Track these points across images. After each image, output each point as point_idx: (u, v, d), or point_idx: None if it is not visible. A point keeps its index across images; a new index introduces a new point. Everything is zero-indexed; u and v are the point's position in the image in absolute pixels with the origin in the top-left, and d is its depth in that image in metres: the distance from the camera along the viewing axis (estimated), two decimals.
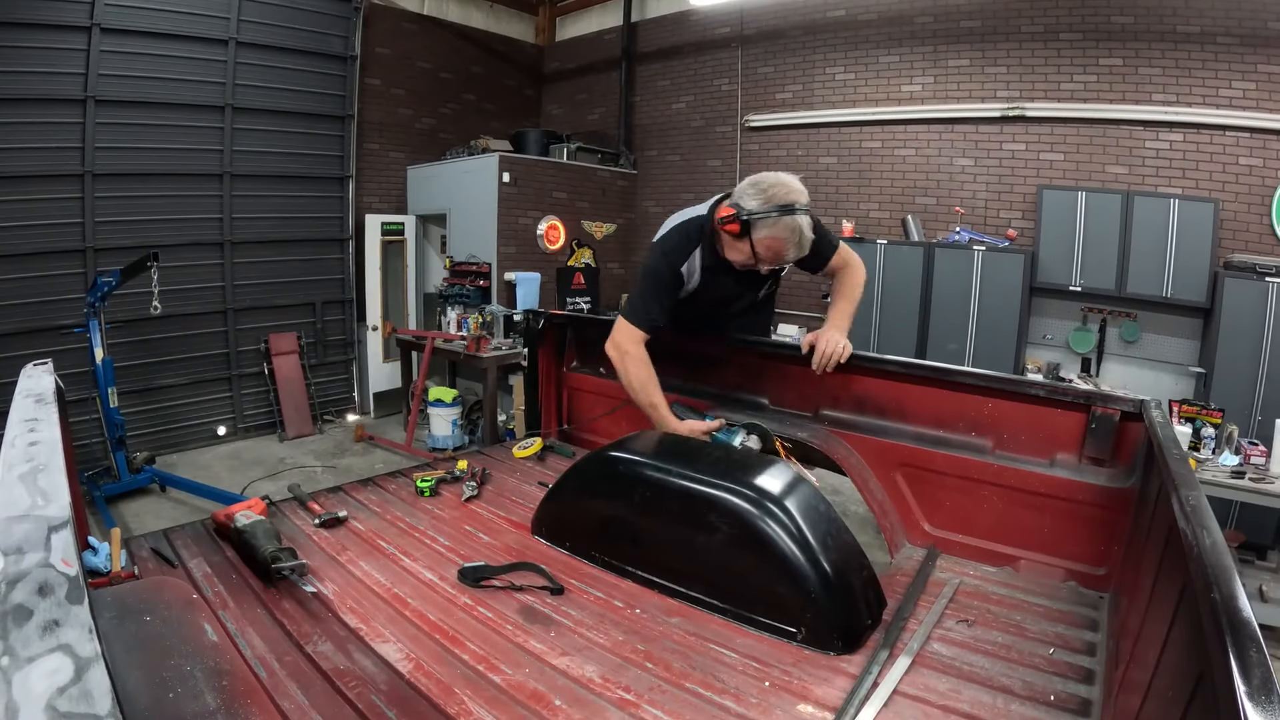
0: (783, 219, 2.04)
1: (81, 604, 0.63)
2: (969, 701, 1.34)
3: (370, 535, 1.99)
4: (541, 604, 1.66)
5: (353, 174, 6.94)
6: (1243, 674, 0.65)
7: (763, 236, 2.07)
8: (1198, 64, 4.78)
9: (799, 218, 2.04)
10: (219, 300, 6.18)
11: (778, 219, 2.04)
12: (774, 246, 2.09)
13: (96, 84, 5.27)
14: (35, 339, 5.04)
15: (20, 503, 0.78)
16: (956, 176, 5.86)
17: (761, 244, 2.09)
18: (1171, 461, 1.32)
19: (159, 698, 0.95)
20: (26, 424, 1.09)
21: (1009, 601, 1.77)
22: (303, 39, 6.37)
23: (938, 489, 2.11)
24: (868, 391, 2.26)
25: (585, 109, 8.43)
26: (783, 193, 2.05)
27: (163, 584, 1.37)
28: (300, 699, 1.25)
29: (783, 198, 2.04)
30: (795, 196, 2.05)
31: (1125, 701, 1.17)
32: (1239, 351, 4.42)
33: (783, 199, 2.04)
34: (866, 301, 5.81)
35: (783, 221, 2.05)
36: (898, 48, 6.06)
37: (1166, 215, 4.77)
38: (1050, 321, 5.43)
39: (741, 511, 1.63)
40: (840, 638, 1.52)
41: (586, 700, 1.32)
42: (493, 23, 8.23)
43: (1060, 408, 1.95)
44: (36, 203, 5.14)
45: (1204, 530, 0.96)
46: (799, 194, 2.06)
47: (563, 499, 2.03)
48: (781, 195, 2.05)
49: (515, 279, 6.66)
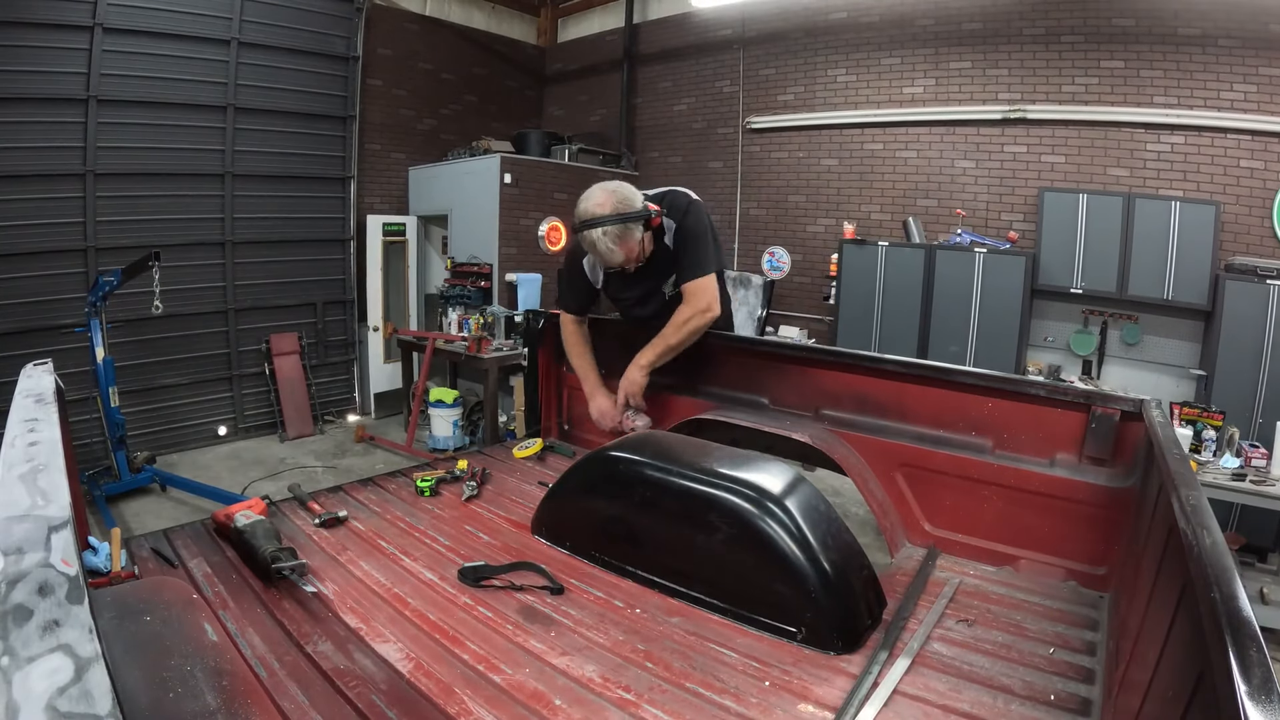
0: (582, 234, 2.30)
1: (81, 604, 0.63)
2: (969, 701, 1.34)
3: (370, 535, 1.99)
4: (541, 604, 1.66)
5: (354, 174, 6.95)
6: (1243, 673, 0.65)
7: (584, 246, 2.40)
8: (1199, 66, 4.78)
9: (592, 233, 2.26)
10: (220, 300, 6.18)
11: (581, 235, 2.32)
12: (592, 254, 2.40)
13: (98, 83, 5.28)
14: (35, 339, 5.05)
15: (20, 503, 0.78)
16: (958, 178, 5.86)
17: (587, 252, 2.42)
18: (1171, 461, 1.31)
19: (159, 698, 0.95)
20: (26, 424, 1.09)
21: (1009, 601, 1.77)
22: (305, 39, 6.38)
23: (938, 489, 2.11)
24: (868, 391, 2.26)
25: (587, 110, 8.44)
26: (580, 210, 2.30)
27: (163, 584, 1.37)
28: (300, 699, 1.25)
29: (579, 215, 2.30)
30: (588, 213, 2.27)
31: (1125, 701, 1.17)
32: (1240, 354, 4.42)
33: (579, 217, 2.30)
34: (868, 303, 5.81)
35: (582, 236, 2.31)
36: (899, 50, 6.06)
37: (1168, 218, 4.77)
38: (1051, 324, 5.43)
39: (742, 511, 1.63)
40: (840, 637, 1.52)
41: (586, 700, 1.32)
42: (494, 24, 8.24)
43: (1060, 407, 1.95)
44: (38, 202, 5.15)
45: (1204, 530, 0.96)
46: (593, 209, 2.26)
47: (563, 499, 2.03)
48: (579, 213, 2.30)
49: (516, 280, 6.66)
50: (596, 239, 2.26)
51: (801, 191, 6.78)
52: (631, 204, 2.28)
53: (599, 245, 2.28)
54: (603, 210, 2.25)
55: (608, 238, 2.25)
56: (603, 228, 2.24)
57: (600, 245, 2.27)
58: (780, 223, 6.94)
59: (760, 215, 7.08)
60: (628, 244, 2.29)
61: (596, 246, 2.29)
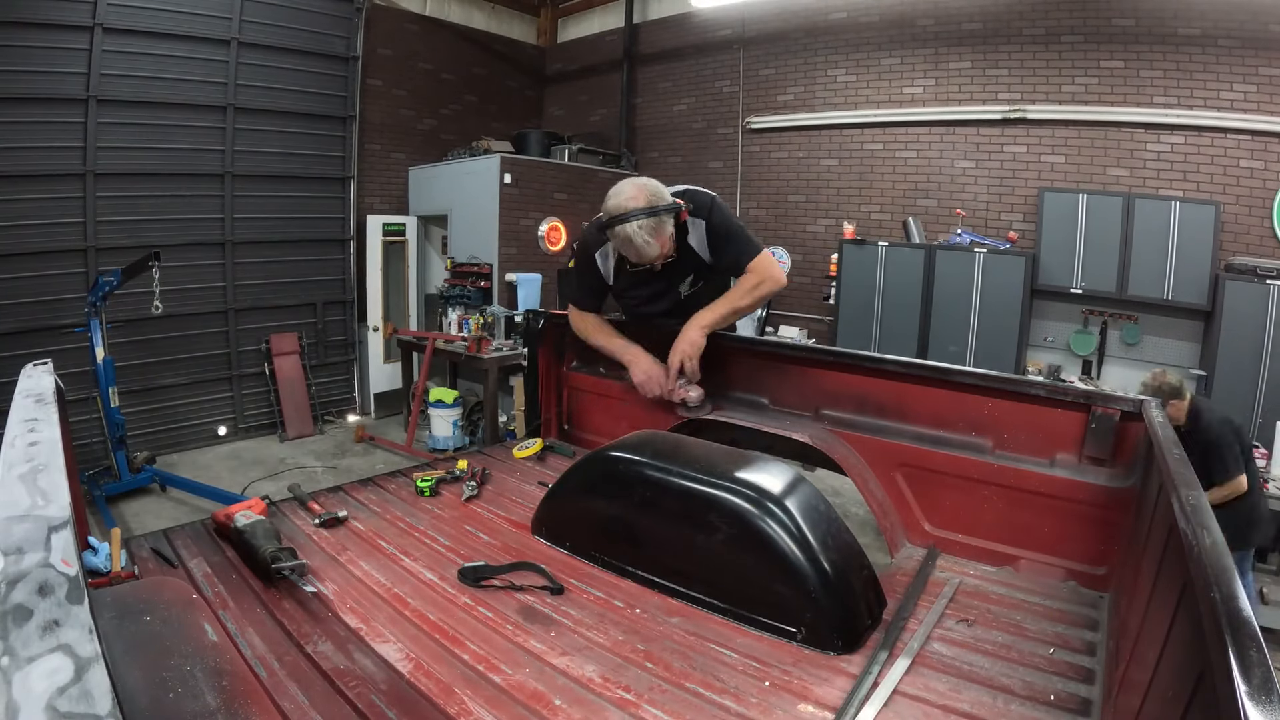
0: (615, 229, 2.24)
1: (81, 604, 0.63)
2: (969, 701, 1.34)
3: (370, 535, 1.99)
4: (541, 604, 1.66)
5: (354, 174, 6.95)
6: (1243, 673, 0.65)
7: (612, 243, 2.34)
8: (1199, 67, 4.79)
9: (626, 227, 2.20)
10: (220, 300, 6.19)
11: (614, 230, 2.25)
12: (623, 250, 2.31)
13: (99, 83, 5.28)
14: (35, 339, 5.06)
15: (20, 503, 0.78)
16: (958, 179, 5.87)
17: (617, 248, 2.34)
18: (1171, 461, 1.31)
19: (159, 698, 0.95)
20: (26, 424, 1.09)
21: (1009, 601, 1.77)
22: (304, 39, 6.38)
23: (938, 489, 2.11)
24: (867, 391, 2.26)
25: (587, 110, 8.44)
26: (611, 205, 2.25)
27: (163, 584, 1.37)
28: (300, 699, 1.25)
29: (611, 210, 2.25)
30: (620, 208, 2.22)
31: (1125, 701, 1.17)
32: (1240, 354, 4.43)
33: (611, 212, 2.25)
34: (868, 303, 5.82)
35: (615, 231, 2.25)
36: (899, 50, 6.07)
37: (1167, 218, 4.78)
38: (1051, 324, 5.43)
39: (741, 511, 1.63)
40: (840, 637, 1.52)
41: (586, 700, 1.32)
42: (494, 24, 8.24)
43: (1060, 407, 1.95)
44: (38, 202, 5.16)
45: (1204, 530, 0.96)
46: (625, 203, 2.21)
47: (563, 499, 2.02)
48: (610, 208, 2.25)
49: (516, 280, 6.66)
50: (632, 233, 2.20)
51: (801, 191, 6.78)
52: (662, 197, 2.25)
53: (635, 239, 2.21)
54: (636, 204, 2.20)
55: (644, 230, 2.20)
56: (638, 221, 2.19)
57: (637, 239, 2.20)
58: (780, 223, 6.94)
59: (760, 215, 7.08)
60: (662, 237, 2.25)
61: (633, 240, 2.21)
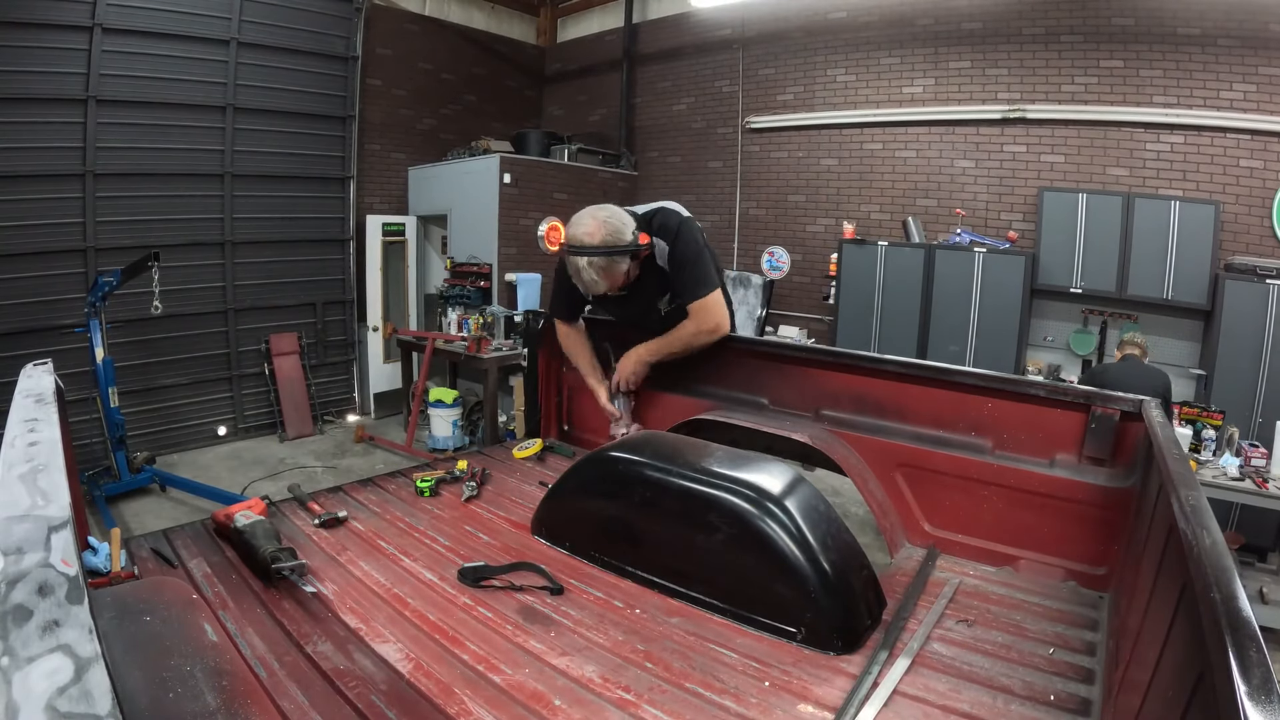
0: (569, 257, 2.31)
1: (81, 604, 0.63)
2: (969, 701, 1.34)
3: (370, 535, 1.99)
4: (541, 604, 1.66)
5: (354, 174, 6.95)
6: (1243, 673, 0.65)
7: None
8: (1198, 66, 4.79)
9: (577, 260, 2.27)
10: (220, 300, 6.19)
11: (568, 258, 2.32)
12: (574, 279, 2.35)
13: (98, 84, 5.28)
14: (35, 339, 5.05)
15: (20, 503, 0.78)
16: (957, 178, 5.87)
17: (570, 275, 2.38)
18: (1171, 461, 1.31)
19: (159, 698, 0.95)
20: (26, 424, 1.09)
21: (1009, 601, 1.76)
22: (304, 39, 6.38)
23: (938, 489, 2.11)
24: (867, 391, 2.26)
25: (586, 110, 8.44)
26: (569, 234, 2.31)
27: (163, 584, 1.36)
28: (300, 699, 1.25)
29: (568, 239, 2.31)
30: (576, 239, 2.27)
31: (1125, 701, 1.17)
32: (1239, 353, 4.43)
33: (568, 240, 2.31)
34: (868, 303, 5.81)
35: (568, 259, 2.32)
36: (899, 49, 6.07)
37: (1167, 217, 4.78)
38: (1051, 323, 5.43)
39: (741, 511, 1.63)
40: (840, 638, 1.52)
41: (586, 700, 1.32)
42: (494, 24, 8.24)
43: (1060, 407, 1.95)
44: (37, 202, 5.15)
45: (1204, 530, 0.96)
46: (582, 236, 2.26)
47: (563, 499, 2.02)
48: (568, 237, 2.31)
49: (516, 280, 6.66)
50: (582, 267, 2.26)
51: (801, 191, 6.78)
52: (621, 236, 2.26)
53: (584, 274, 2.28)
54: (591, 240, 2.25)
55: (592, 269, 2.26)
56: (588, 258, 2.25)
57: (585, 274, 2.27)
58: (780, 222, 6.95)
59: (760, 215, 7.08)
60: (612, 276, 2.30)
61: (581, 274, 2.28)
